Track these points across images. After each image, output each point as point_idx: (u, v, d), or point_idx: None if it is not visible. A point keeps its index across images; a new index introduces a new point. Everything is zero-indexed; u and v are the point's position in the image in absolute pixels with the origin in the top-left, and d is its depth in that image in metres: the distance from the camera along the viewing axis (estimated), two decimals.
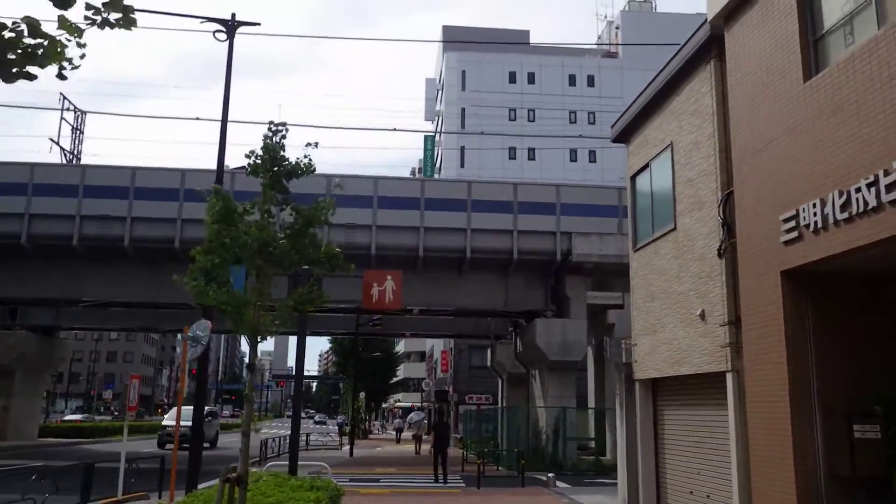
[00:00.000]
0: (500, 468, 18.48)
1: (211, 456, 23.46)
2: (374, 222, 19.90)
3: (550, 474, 14.36)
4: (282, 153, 6.60)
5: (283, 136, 6.62)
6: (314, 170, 6.68)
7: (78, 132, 31.08)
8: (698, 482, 7.91)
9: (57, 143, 29.31)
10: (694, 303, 7.87)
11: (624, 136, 10.17)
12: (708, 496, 7.68)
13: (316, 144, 6.49)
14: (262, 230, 6.40)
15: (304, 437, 30.23)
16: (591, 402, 26.92)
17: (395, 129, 21.81)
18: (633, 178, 9.99)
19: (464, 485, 15.06)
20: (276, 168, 6.56)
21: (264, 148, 6.57)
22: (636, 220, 9.84)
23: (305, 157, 6.54)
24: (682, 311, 8.14)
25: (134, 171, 19.82)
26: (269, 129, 6.59)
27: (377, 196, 20.17)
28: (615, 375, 10.18)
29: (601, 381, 27.21)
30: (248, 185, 18.78)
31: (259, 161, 6.57)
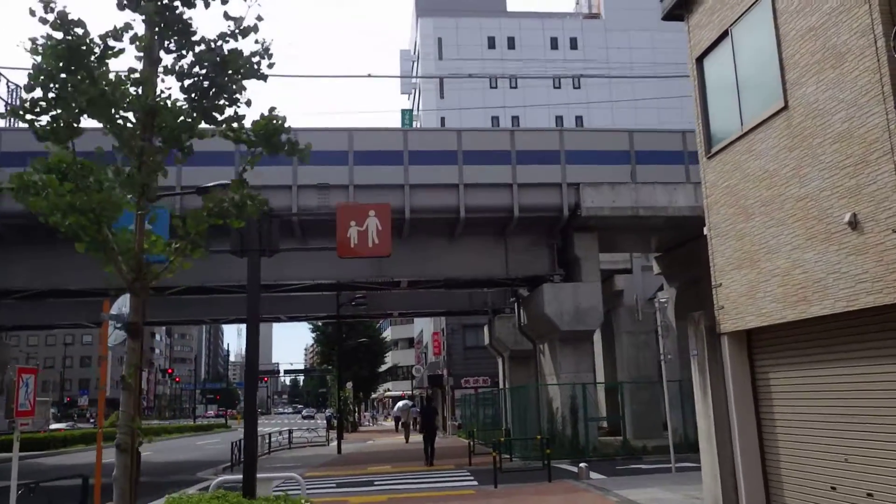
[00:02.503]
0: (512, 458, 15.94)
1: (157, 464, 20.29)
2: (350, 181, 17.02)
3: (583, 464, 11.81)
4: None
5: None
6: None
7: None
8: (847, 474, 5.33)
9: None
10: (833, 206, 5.24)
11: (684, 4, 7.45)
12: (870, 495, 5.10)
13: None
14: (143, 86, 3.60)
15: (285, 435, 27.48)
16: (601, 377, 24.61)
17: (369, 76, 18.70)
18: (699, 61, 7.29)
19: (476, 483, 12.44)
20: None
21: None
22: (707, 117, 7.16)
23: None
24: (810, 223, 5.51)
25: None
26: None
27: (353, 152, 17.27)
28: (692, 334, 7.52)
29: (611, 353, 24.87)
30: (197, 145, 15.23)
31: None
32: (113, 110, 3.45)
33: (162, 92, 3.67)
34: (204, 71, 3.68)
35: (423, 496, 11.00)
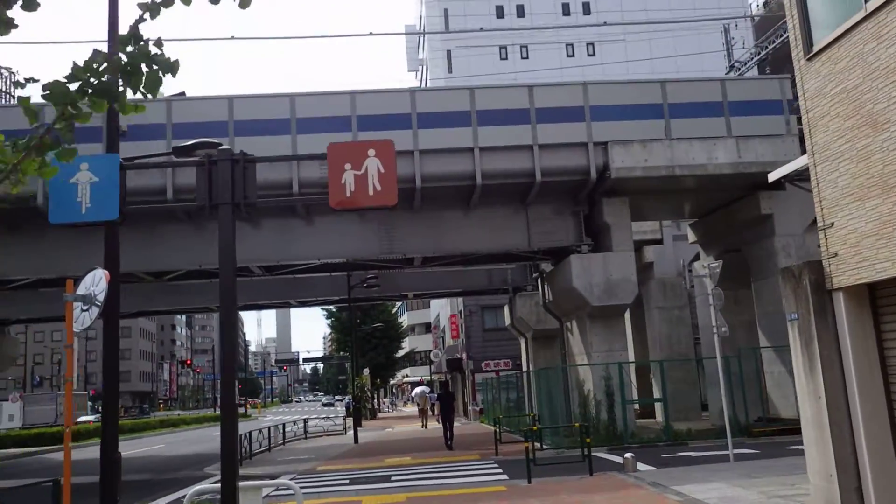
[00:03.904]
0: (542, 446, 14.47)
1: (164, 459, 18.92)
2: None
3: (628, 454, 10.27)
4: None
5: None
6: None
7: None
8: None
9: None
10: None
11: None
12: None
13: None
14: None
15: (300, 424, 26.37)
16: (630, 356, 23.03)
17: (370, 34, 16.96)
18: None
19: (506, 476, 11.00)
20: None
21: None
22: (805, 5, 5.43)
23: None
24: None
25: None
26: None
27: (356, 116, 15.66)
28: (790, 292, 5.85)
29: (640, 330, 23.24)
30: (188, 116, 13.24)
31: None
32: None
33: None
34: None
35: (447, 494, 9.57)
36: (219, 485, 5.54)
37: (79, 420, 37.46)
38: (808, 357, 5.26)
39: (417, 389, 32.32)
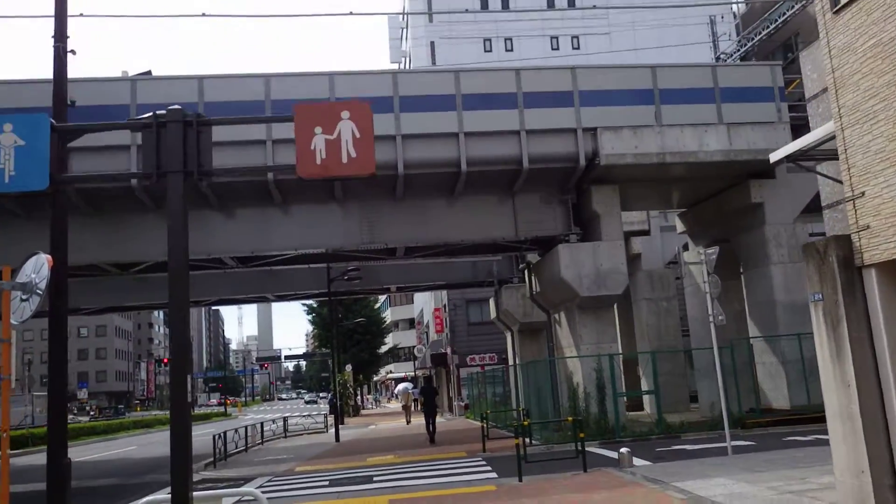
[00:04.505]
0: (531, 441, 13.96)
1: (135, 461, 17.87)
2: None
3: (624, 449, 9.76)
4: None
5: None
6: None
7: None
8: None
9: None
10: None
11: None
12: None
13: None
14: None
15: (279, 423, 25.58)
16: (618, 347, 22.64)
17: (350, 13, 16.12)
18: None
19: (495, 475, 10.44)
20: None
21: None
22: None
23: None
24: None
25: None
26: None
27: (335, 98, 14.91)
28: (814, 271, 5.34)
29: (627, 321, 22.89)
30: (155, 97, 12.33)
31: None
32: None
33: None
34: None
35: (432, 495, 8.98)
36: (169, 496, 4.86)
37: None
38: (835, 341, 4.76)
39: (400, 386, 31.83)
